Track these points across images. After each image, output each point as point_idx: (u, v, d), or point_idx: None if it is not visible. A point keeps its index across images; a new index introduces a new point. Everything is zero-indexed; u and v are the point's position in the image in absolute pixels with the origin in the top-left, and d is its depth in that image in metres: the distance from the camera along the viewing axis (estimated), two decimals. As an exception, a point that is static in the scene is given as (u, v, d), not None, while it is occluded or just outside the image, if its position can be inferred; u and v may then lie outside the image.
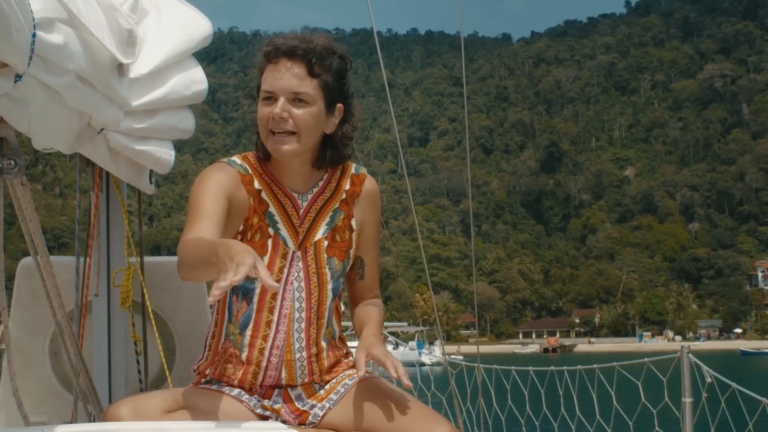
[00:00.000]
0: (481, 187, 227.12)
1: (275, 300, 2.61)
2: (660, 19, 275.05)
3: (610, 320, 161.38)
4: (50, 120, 2.34)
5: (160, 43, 2.95)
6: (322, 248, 2.66)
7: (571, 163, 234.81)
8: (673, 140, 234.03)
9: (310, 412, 2.66)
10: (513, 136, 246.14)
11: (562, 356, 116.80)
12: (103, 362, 3.61)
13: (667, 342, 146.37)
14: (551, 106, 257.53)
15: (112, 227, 3.66)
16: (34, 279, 3.16)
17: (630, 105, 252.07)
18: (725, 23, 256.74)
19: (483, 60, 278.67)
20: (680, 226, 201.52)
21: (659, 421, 5.92)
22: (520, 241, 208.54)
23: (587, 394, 6.61)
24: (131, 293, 3.57)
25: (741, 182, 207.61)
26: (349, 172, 2.75)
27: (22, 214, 2.70)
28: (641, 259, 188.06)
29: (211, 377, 2.69)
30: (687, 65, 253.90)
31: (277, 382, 2.66)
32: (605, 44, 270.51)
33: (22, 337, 3.83)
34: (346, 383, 2.69)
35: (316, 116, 2.57)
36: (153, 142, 3.20)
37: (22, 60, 1.99)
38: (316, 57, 2.56)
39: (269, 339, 2.62)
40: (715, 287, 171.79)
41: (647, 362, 6.05)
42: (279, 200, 2.65)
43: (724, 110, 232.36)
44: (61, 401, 3.84)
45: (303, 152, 2.60)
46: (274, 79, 2.54)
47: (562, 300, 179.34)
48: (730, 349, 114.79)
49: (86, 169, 3.54)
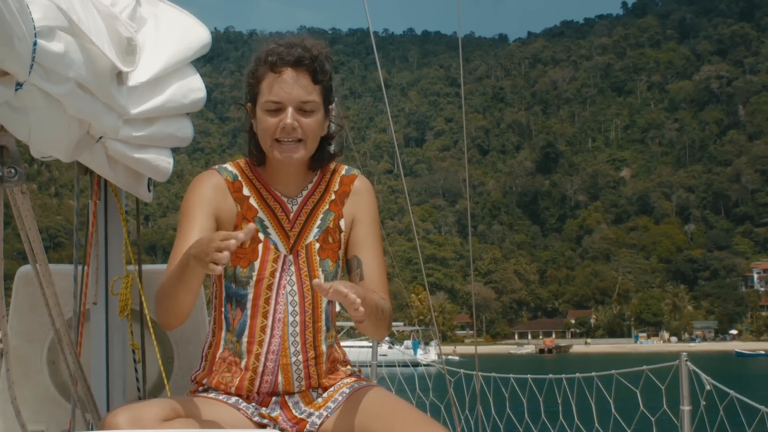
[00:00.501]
0: (477, 187, 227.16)
1: (268, 305, 2.63)
2: (656, 20, 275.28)
3: (606, 321, 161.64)
4: (50, 128, 2.35)
5: (159, 51, 2.97)
6: (314, 251, 2.67)
7: (567, 164, 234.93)
8: (669, 141, 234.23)
9: (308, 420, 2.65)
10: (509, 136, 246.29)
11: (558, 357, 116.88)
12: (101, 370, 3.60)
13: (662, 343, 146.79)
14: (547, 106, 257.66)
15: (110, 235, 3.65)
16: (33, 287, 3.17)
17: (626, 106, 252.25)
18: (721, 24, 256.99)
19: (479, 60, 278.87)
20: (676, 227, 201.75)
21: (657, 428, 5.94)
22: (516, 241, 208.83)
23: (586, 401, 6.62)
24: (130, 301, 3.56)
25: (737, 184, 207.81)
26: (339, 173, 2.77)
27: (22, 223, 2.69)
28: (637, 260, 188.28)
29: (209, 386, 2.69)
30: (683, 66, 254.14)
31: (273, 387, 2.65)
32: (602, 45, 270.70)
33: (20, 345, 3.82)
34: (344, 391, 2.68)
35: (320, 123, 2.63)
36: (151, 150, 3.19)
37: (23, 68, 2.00)
38: (319, 65, 2.60)
39: (264, 344, 2.63)
40: (711, 288, 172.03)
41: (645, 370, 6.05)
42: (269, 205, 2.68)
43: (721, 111, 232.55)
44: (59, 410, 3.83)
45: (307, 158, 2.66)
46: (281, 90, 2.56)
47: (558, 301, 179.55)
48: (725, 351, 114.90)
49: (84, 176, 3.54)
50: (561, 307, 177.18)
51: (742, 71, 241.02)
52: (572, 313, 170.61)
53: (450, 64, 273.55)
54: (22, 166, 2.39)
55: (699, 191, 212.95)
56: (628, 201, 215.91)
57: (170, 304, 2.47)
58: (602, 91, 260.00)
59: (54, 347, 3.74)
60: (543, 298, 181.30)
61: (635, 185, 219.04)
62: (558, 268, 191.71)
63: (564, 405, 6.78)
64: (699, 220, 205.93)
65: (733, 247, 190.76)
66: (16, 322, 3.82)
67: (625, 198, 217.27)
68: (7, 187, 2.44)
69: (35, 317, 3.73)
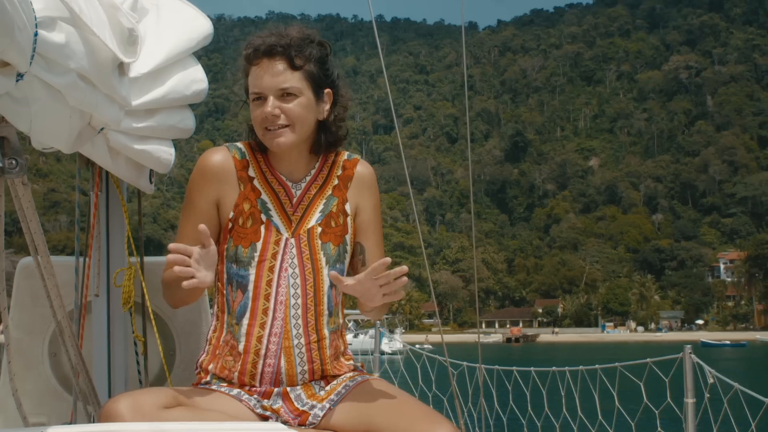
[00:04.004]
0: (445, 175, 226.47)
1: (270, 287, 2.65)
2: (626, 10, 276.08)
3: (573, 310, 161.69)
4: (51, 119, 2.34)
5: (161, 42, 2.98)
6: (316, 234, 2.69)
7: (536, 153, 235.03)
8: (637, 131, 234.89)
9: (311, 412, 2.65)
10: (478, 124, 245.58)
11: (525, 346, 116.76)
12: (103, 363, 3.61)
13: (629, 333, 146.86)
14: (516, 95, 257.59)
15: (112, 227, 3.65)
16: (34, 279, 3.23)
17: (595, 95, 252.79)
18: (691, 15, 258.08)
19: (449, 48, 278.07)
20: (644, 217, 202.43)
21: (661, 421, 6.05)
22: (484, 230, 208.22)
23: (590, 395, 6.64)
24: (133, 293, 3.55)
25: (704, 174, 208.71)
26: (342, 158, 2.81)
27: (23, 214, 2.70)
28: (604, 250, 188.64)
29: (213, 374, 2.72)
30: (652, 56, 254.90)
31: (276, 372, 2.65)
32: (571, 34, 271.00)
33: (21, 338, 3.84)
34: (347, 384, 2.69)
35: (306, 106, 2.66)
36: (153, 142, 3.21)
37: (24, 59, 2.00)
38: (295, 50, 2.63)
39: (267, 326, 2.64)
40: (678, 278, 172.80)
41: (649, 362, 6.02)
42: (272, 188, 2.72)
43: (689, 102, 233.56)
44: (61, 402, 3.84)
45: (299, 142, 2.68)
46: (259, 79, 2.63)
47: (526, 290, 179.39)
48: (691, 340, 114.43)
49: (86, 168, 3.51)
50: (528, 296, 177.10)
51: (711, 62, 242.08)
52: (540, 302, 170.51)
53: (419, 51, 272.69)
54: (23, 157, 2.40)
55: (667, 181, 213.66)
56: (597, 190, 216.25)
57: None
58: (571, 80, 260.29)
59: (55, 339, 3.78)
60: (510, 287, 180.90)
61: (603, 175, 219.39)
62: (526, 257, 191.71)
63: (567, 397, 6.79)
64: (666, 210, 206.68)
65: (700, 238, 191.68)
66: (18, 314, 3.85)
67: (593, 187, 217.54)
68: (8, 178, 2.45)
69: (37, 309, 3.76)
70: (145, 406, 2.35)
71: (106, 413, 2.36)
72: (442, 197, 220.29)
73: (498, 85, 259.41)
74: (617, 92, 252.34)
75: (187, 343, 3.93)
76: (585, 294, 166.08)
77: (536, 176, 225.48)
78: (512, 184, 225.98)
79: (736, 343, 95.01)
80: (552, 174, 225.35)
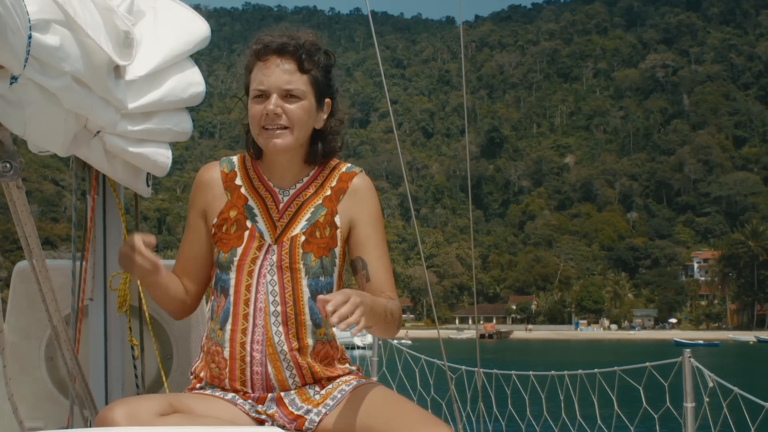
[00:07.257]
0: (420, 170, 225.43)
1: (249, 292, 2.63)
2: (604, 8, 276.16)
3: (547, 307, 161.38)
4: (46, 122, 2.34)
5: (157, 44, 2.98)
6: (298, 243, 2.65)
7: (512, 149, 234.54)
8: (613, 129, 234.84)
9: (306, 417, 2.62)
10: (454, 120, 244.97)
11: (499, 342, 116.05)
12: (100, 367, 3.61)
13: (602, 330, 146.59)
14: (493, 90, 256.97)
15: (109, 230, 3.65)
16: (30, 283, 3.23)
17: (572, 92, 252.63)
18: (668, 14, 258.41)
19: (426, 42, 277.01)
20: (618, 215, 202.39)
21: (660, 425, 6.10)
22: (459, 225, 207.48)
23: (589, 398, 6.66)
24: (128, 297, 3.56)
25: (680, 173, 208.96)
26: (339, 169, 2.75)
27: (18, 217, 2.67)
28: (579, 247, 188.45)
29: (206, 381, 2.71)
30: (629, 54, 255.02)
31: (266, 379, 2.62)
32: (549, 30, 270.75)
33: (17, 342, 3.83)
34: (343, 389, 2.66)
35: (308, 110, 2.63)
36: (150, 145, 3.21)
37: (18, 62, 1.98)
38: (306, 53, 2.61)
39: (248, 333, 2.61)
40: (652, 277, 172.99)
41: (648, 366, 6.07)
42: (259, 194, 2.70)
43: (665, 101, 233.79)
44: (57, 406, 3.84)
45: (295, 146, 2.65)
46: (265, 76, 2.60)
47: (500, 286, 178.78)
48: (664, 339, 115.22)
49: (82, 171, 3.52)
50: (502, 293, 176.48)
51: (688, 61, 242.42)
52: (513, 298, 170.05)
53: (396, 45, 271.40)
54: (18, 161, 2.37)
55: (642, 180, 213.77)
56: (572, 188, 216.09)
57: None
58: (548, 76, 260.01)
59: (52, 343, 3.79)
60: (485, 283, 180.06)
61: (579, 172, 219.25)
62: (500, 253, 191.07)
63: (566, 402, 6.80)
64: (641, 208, 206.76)
65: (675, 236, 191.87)
66: (14, 318, 3.84)
67: (568, 185, 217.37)
68: (2, 182, 2.43)
69: (33, 313, 3.75)
70: (141, 414, 2.33)
71: (101, 420, 2.34)
72: (417, 192, 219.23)
73: (475, 81, 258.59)
74: (594, 90, 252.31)
75: (184, 347, 3.91)
76: (559, 291, 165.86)
77: (512, 172, 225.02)
78: (488, 180, 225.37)
79: (709, 343, 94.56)
80: (527, 170, 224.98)
